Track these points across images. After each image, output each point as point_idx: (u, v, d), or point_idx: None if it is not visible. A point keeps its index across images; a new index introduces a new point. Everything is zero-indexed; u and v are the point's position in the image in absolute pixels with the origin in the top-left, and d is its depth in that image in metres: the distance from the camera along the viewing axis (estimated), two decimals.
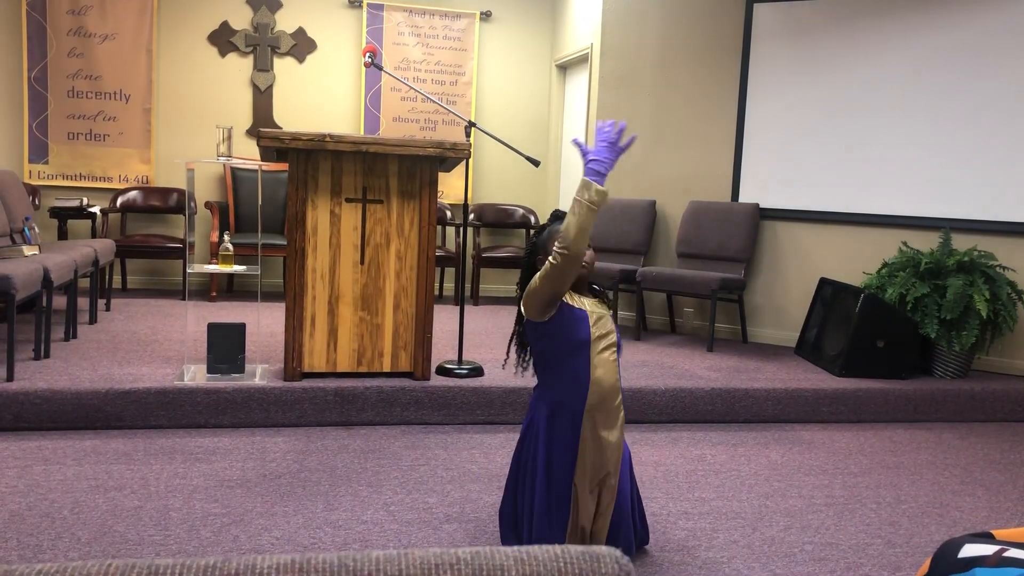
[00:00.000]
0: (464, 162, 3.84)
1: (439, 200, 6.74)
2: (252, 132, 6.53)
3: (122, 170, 6.35)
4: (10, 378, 3.41)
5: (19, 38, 6.12)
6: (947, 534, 2.72)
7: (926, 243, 4.80)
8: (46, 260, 3.86)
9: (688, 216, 5.52)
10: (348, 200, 3.61)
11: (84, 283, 5.63)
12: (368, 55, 3.97)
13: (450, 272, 6.94)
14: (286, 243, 4.02)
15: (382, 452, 3.27)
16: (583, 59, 6.34)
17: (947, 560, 1.25)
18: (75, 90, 6.22)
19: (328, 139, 3.51)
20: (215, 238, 5.92)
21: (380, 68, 4.01)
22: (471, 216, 6.77)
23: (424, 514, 2.68)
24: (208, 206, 6.27)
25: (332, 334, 3.65)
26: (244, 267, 3.92)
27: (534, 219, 6.95)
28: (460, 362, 3.94)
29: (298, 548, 2.38)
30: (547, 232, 2.27)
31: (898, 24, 4.93)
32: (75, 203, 5.94)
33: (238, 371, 3.65)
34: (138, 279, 6.49)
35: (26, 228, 4.66)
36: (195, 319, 5.05)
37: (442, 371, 3.88)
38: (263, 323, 5.03)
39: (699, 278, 4.95)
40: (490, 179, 7.07)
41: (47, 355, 3.89)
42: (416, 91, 4.15)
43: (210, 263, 5.84)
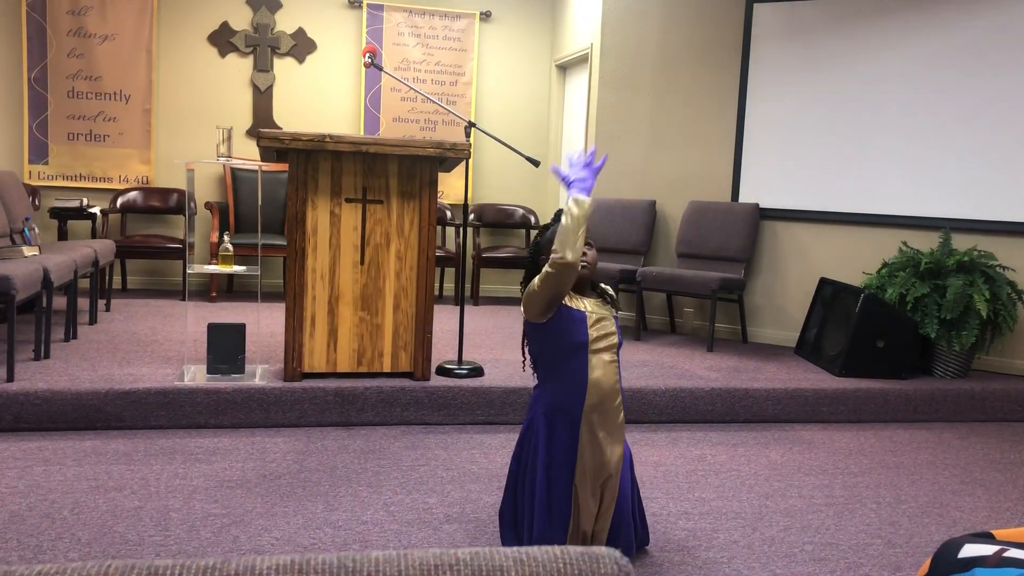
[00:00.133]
0: (464, 162, 3.84)
1: (439, 200, 6.74)
2: (252, 132, 6.53)
3: (122, 170, 6.36)
4: (10, 379, 3.41)
5: (19, 38, 6.12)
6: (947, 534, 2.72)
7: (926, 243, 4.80)
8: (46, 261, 3.86)
9: (688, 216, 5.52)
10: (348, 200, 3.62)
11: (84, 283, 5.63)
12: (368, 55, 3.97)
13: (450, 272, 6.94)
14: (286, 243, 4.02)
15: (382, 452, 3.27)
16: (583, 59, 6.34)
17: (947, 560, 1.25)
18: (75, 90, 6.22)
19: (328, 139, 3.51)
20: (215, 238, 5.92)
21: (380, 68, 4.01)
22: (471, 216, 6.77)
23: (424, 514, 2.68)
24: (208, 206, 6.27)
25: (332, 334, 3.65)
26: (244, 267, 3.92)
27: (534, 219, 6.95)
28: (460, 362, 3.94)
29: (298, 548, 2.38)
30: (551, 232, 2.28)
31: (898, 24, 4.93)
32: (75, 204, 5.94)
33: (238, 371, 3.65)
34: (138, 279, 6.49)
35: (26, 229, 4.66)
36: (195, 319, 5.05)
37: (442, 371, 3.88)
38: (263, 323, 5.03)
39: (699, 278, 4.95)
40: (490, 179, 7.07)
41: (47, 356, 3.89)
42: (416, 91, 4.15)
43: (210, 263, 5.84)
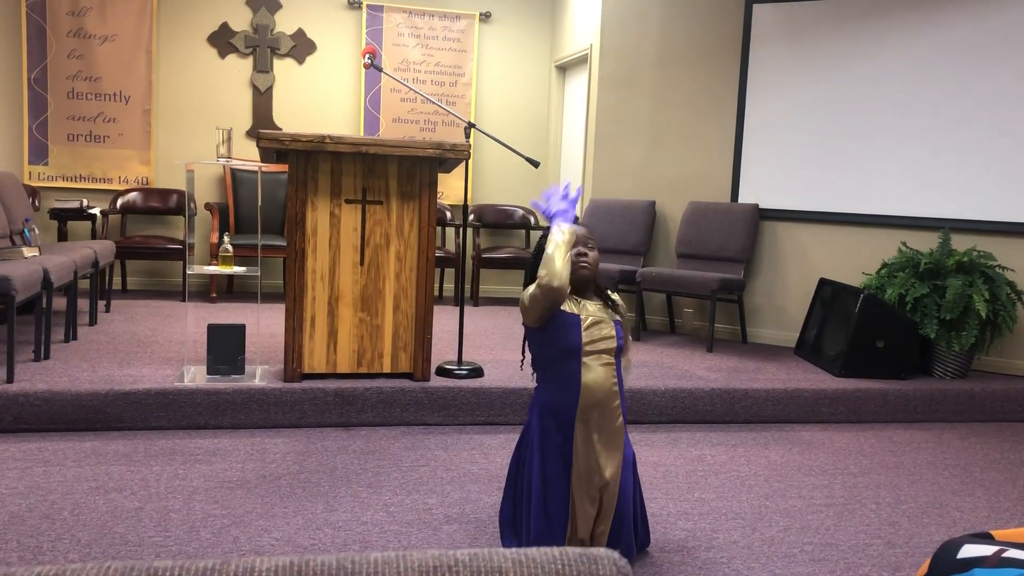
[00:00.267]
0: (464, 163, 3.84)
1: (439, 201, 6.74)
2: (252, 133, 6.54)
3: (122, 171, 6.36)
4: (10, 379, 3.41)
5: (19, 40, 6.12)
6: (947, 534, 2.72)
7: (925, 243, 4.80)
8: (46, 261, 3.86)
9: (688, 216, 5.52)
10: (348, 201, 3.62)
11: (84, 284, 5.63)
12: (367, 56, 3.97)
13: (450, 273, 6.94)
14: (286, 244, 4.02)
15: (382, 453, 3.27)
16: (583, 60, 6.34)
17: (946, 560, 1.25)
18: (75, 91, 6.22)
19: (328, 140, 3.51)
20: (215, 239, 5.92)
21: (379, 69, 4.01)
22: (471, 217, 6.78)
23: (424, 515, 2.68)
24: (208, 207, 6.27)
25: (332, 335, 3.65)
26: (244, 268, 3.92)
27: (534, 220, 6.95)
28: (460, 363, 3.94)
29: (298, 549, 2.38)
30: None
31: (897, 24, 4.94)
32: (75, 204, 5.94)
33: (238, 372, 3.65)
34: (138, 280, 6.49)
35: (26, 230, 4.66)
36: (195, 320, 5.05)
37: (442, 372, 3.88)
38: (263, 324, 5.03)
39: (699, 278, 4.95)
40: (490, 180, 7.07)
41: (47, 356, 3.89)
42: (416, 92, 4.15)
43: (210, 264, 5.84)
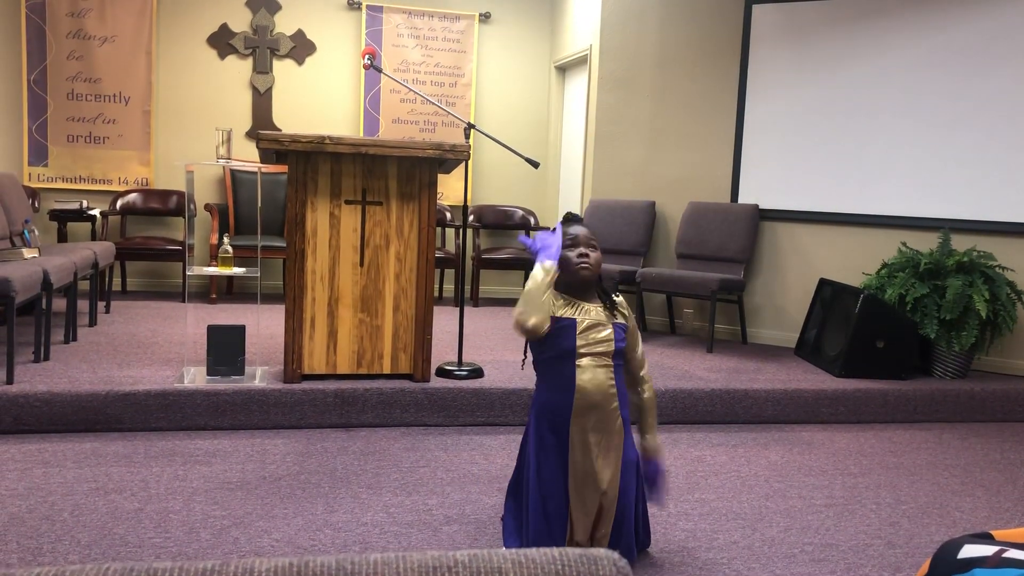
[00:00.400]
0: (463, 164, 3.84)
1: (439, 202, 6.74)
2: (251, 134, 6.54)
3: (122, 172, 6.36)
4: (10, 381, 3.41)
5: (18, 41, 6.12)
6: (947, 535, 2.72)
7: (925, 243, 4.80)
8: (46, 263, 3.86)
9: (688, 217, 5.52)
10: (347, 202, 3.62)
11: (84, 285, 5.63)
12: (367, 57, 3.97)
13: (450, 273, 6.94)
14: (286, 245, 4.02)
15: (382, 454, 3.27)
16: (582, 60, 6.34)
17: (947, 561, 1.25)
18: (75, 92, 6.22)
19: (327, 141, 3.51)
20: (215, 240, 5.92)
21: (379, 70, 4.01)
22: (471, 218, 6.77)
23: (424, 516, 2.68)
24: (208, 208, 6.27)
25: (332, 336, 3.65)
26: (244, 269, 3.92)
27: (533, 220, 6.95)
28: (460, 364, 3.93)
29: (298, 550, 2.38)
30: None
31: (897, 25, 4.94)
32: (75, 206, 5.94)
33: (238, 373, 3.65)
34: (138, 281, 6.49)
35: (26, 231, 4.66)
36: (195, 321, 5.05)
37: (442, 373, 3.88)
38: (263, 325, 5.03)
39: (699, 279, 4.95)
40: (490, 181, 7.07)
41: (47, 358, 3.89)
42: (415, 93, 4.16)
43: (210, 265, 5.84)
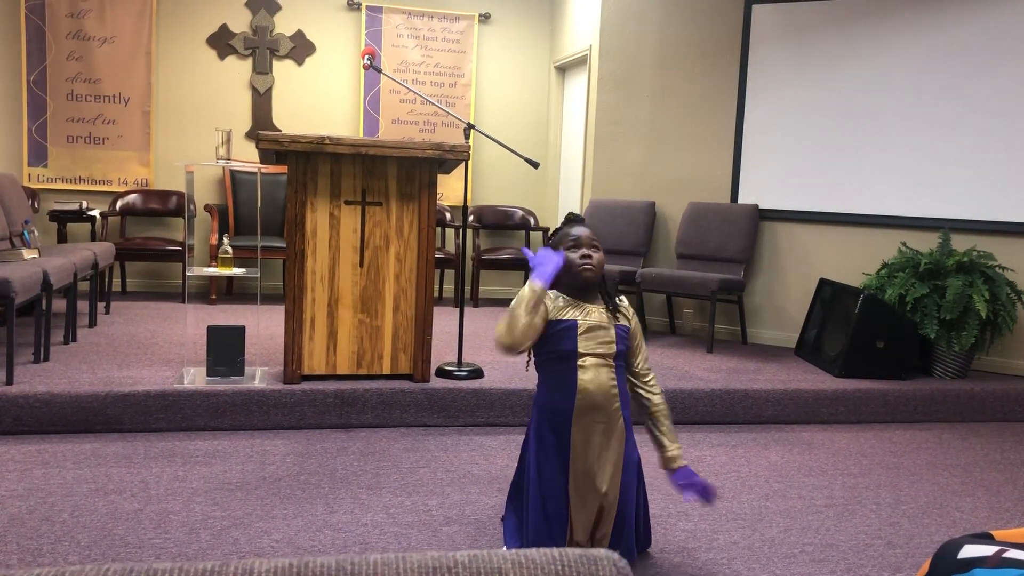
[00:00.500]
0: (463, 164, 3.84)
1: (438, 202, 6.74)
2: (251, 135, 6.54)
3: (121, 173, 6.36)
4: (10, 381, 3.41)
5: (18, 41, 6.12)
6: (947, 535, 2.71)
7: (925, 243, 4.80)
8: (45, 263, 3.86)
9: (687, 217, 5.52)
10: (347, 202, 3.62)
11: (84, 286, 5.63)
12: (367, 57, 3.97)
13: (450, 274, 6.94)
14: (285, 246, 4.02)
15: (382, 454, 3.26)
16: (582, 61, 6.34)
17: (947, 561, 1.25)
18: (74, 93, 6.22)
19: (327, 141, 3.51)
20: (214, 241, 5.92)
21: (379, 70, 4.01)
22: (470, 218, 6.77)
23: (424, 516, 2.68)
24: (207, 209, 6.27)
25: (332, 336, 3.65)
26: (243, 270, 3.92)
27: (533, 221, 6.95)
28: (460, 364, 3.93)
29: (298, 551, 2.38)
30: (560, 235, 2.30)
31: (897, 25, 4.94)
32: (74, 206, 5.94)
33: (238, 374, 3.65)
34: (138, 282, 6.49)
35: (25, 231, 4.66)
36: (194, 322, 5.05)
37: (442, 373, 3.88)
38: (263, 326, 5.03)
39: (699, 279, 4.95)
40: (489, 181, 7.07)
41: (47, 358, 3.89)
42: (415, 93, 4.16)
43: (209, 266, 5.84)
